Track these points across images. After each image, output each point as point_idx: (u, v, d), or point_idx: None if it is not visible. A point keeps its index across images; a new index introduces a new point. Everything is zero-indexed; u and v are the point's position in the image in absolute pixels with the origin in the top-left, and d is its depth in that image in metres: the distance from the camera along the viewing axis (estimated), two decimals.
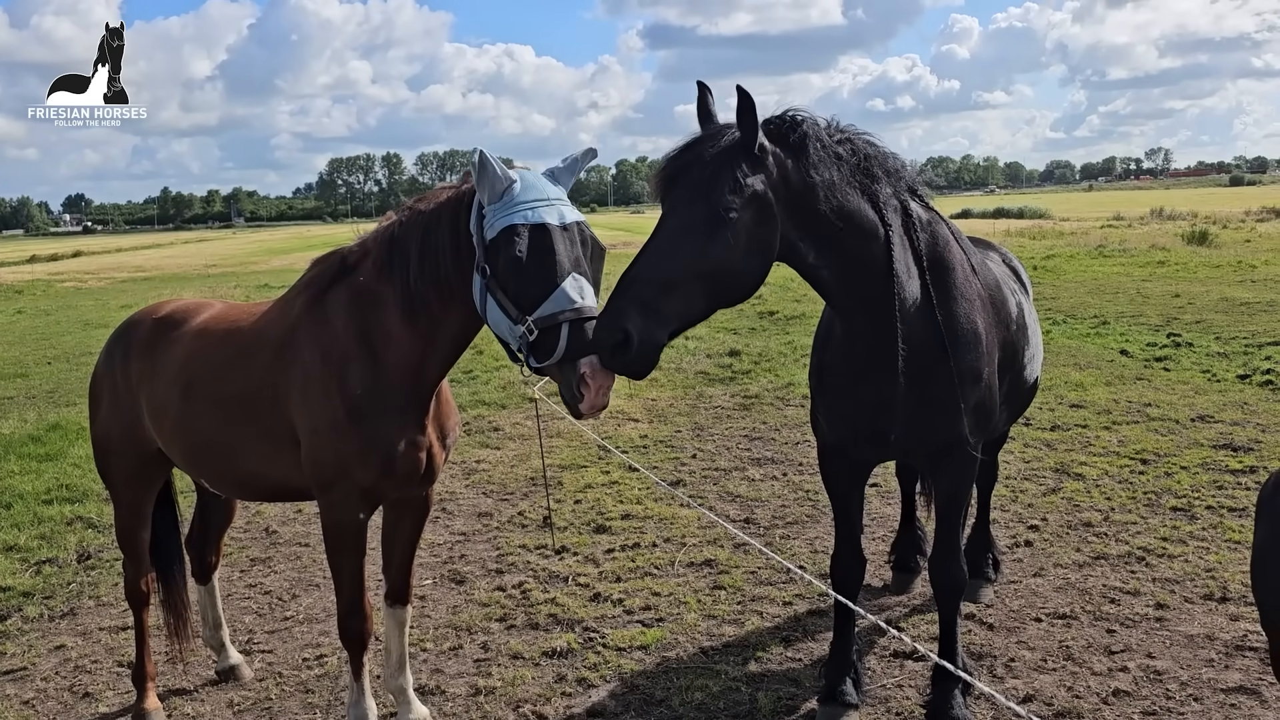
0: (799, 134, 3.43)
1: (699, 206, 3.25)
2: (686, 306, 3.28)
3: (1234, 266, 23.33)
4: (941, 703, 4.19)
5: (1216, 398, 10.07)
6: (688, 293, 3.25)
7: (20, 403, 12.73)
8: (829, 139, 3.53)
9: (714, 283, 3.29)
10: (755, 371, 12.73)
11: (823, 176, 3.43)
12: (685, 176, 3.31)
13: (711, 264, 3.25)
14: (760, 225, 3.32)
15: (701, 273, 3.25)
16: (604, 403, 3.26)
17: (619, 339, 3.16)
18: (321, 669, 5.07)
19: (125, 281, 37.71)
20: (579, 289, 3.26)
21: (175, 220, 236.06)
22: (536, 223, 3.29)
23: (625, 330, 3.15)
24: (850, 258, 3.59)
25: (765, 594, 5.75)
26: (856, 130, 3.67)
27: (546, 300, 3.24)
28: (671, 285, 3.22)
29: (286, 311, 4.02)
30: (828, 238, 3.51)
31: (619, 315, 3.16)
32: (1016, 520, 6.79)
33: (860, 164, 3.58)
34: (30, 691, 4.98)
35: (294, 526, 7.37)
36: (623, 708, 4.55)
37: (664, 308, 3.22)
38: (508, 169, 3.44)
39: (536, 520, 7.22)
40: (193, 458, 4.24)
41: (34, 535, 7.29)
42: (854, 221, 3.54)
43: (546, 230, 3.29)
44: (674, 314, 3.26)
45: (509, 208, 3.33)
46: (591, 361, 3.20)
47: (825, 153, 3.47)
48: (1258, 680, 4.52)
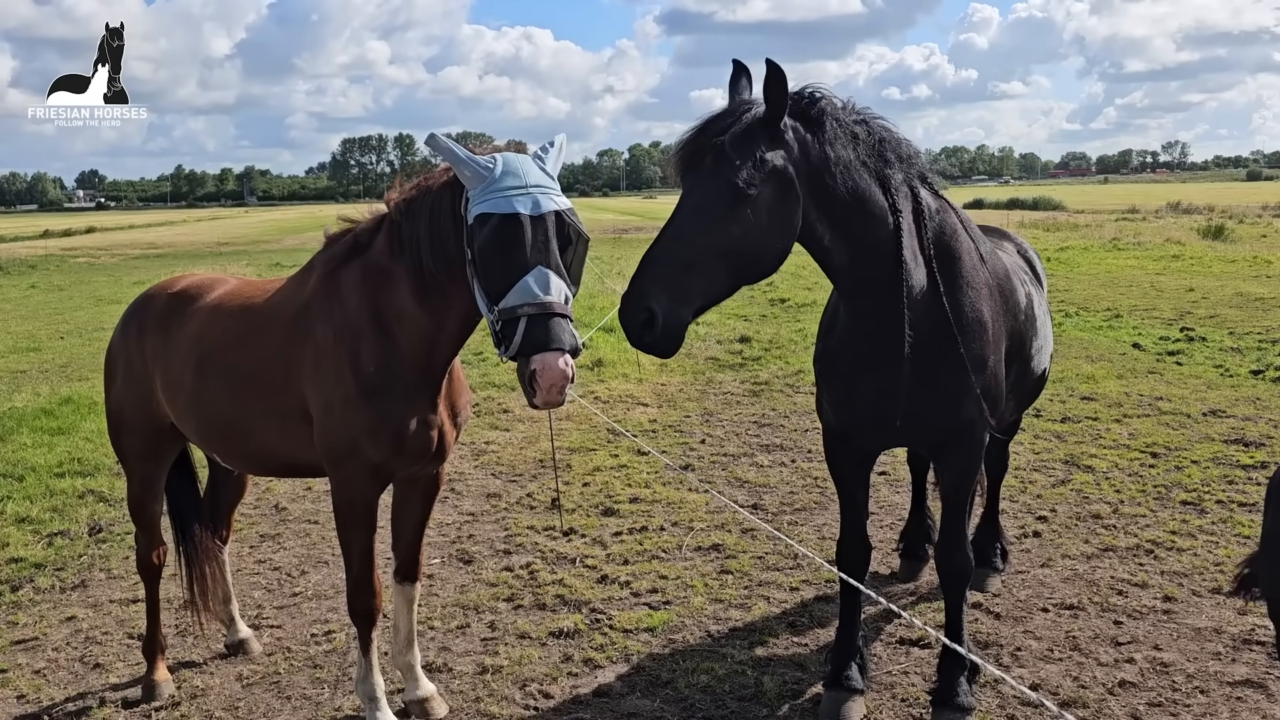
0: (818, 109, 3.41)
1: (719, 183, 3.22)
2: (710, 285, 3.26)
3: (1249, 261, 23.17)
4: (947, 689, 4.19)
5: (1229, 393, 10.02)
6: (710, 271, 3.23)
7: (33, 376, 12.81)
8: (846, 118, 3.51)
9: (736, 260, 3.27)
10: (765, 358, 12.72)
11: (839, 154, 3.41)
12: (704, 153, 3.28)
13: (733, 241, 3.22)
14: (781, 200, 3.30)
15: (724, 250, 3.22)
16: (557, 400, 3.21)
17: (644, 318, 3.15)
18: (330, 645, 5.10)
19: (138, 258, 37.86)
20: (544, 283, 3.21)
21: (188, 198, 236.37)
22: (507, 212, 3.25)
23: (650, 310, 3.14)
24: (860, 241, 3.58)
25: (772, 579, 5.76)
26: (872, 113, 3.65)
27: (510, 292, 3.22)
28: (694, 264, 3.20)
29: (300, 288, 4.03)
30: (841, 219, 3.50)
31: (644, 295, 3.15)
32: (1025, 511, 6.78)
33: (875, 146, 3.56)
34: (41, 661, 5.03)
35: (303, 503, 7.41)
36: (628, 689, 4.57)
37: (688, 286, 3.19)
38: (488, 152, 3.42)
39: (545, 502, 7.24)
40: (205, 432, 4.26)
41: (46, 508, 7.35)
42: (865, 203, 3.52)
43: (515, 220, 3.24)
44: (698, 292, 3.24)
45: (485, 194, 3.31)
46: (543, 359, 3.16)
47: (842, 130, 3.45)
48: (1264, 674, 4.52)
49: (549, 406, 3.25)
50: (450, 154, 3.40)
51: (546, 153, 3.55)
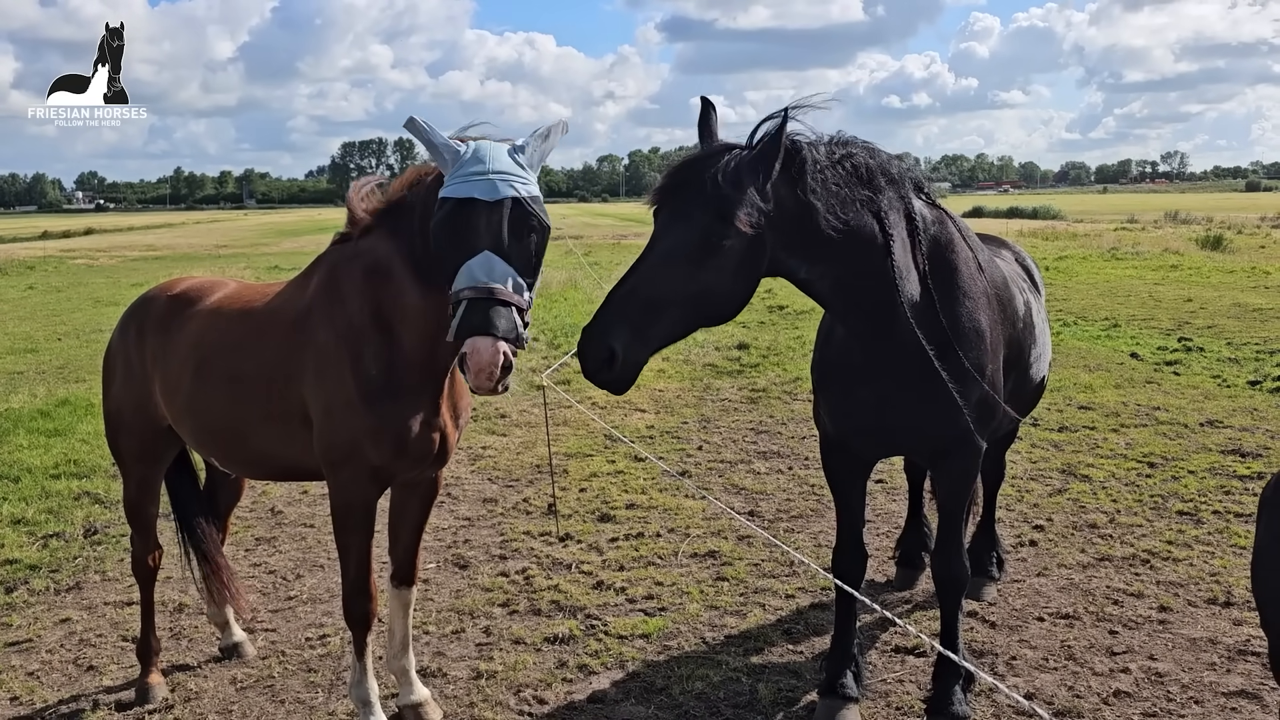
0: (798, 163, 3.38)
1: (693, 230, 3.23)
2: (671, 327, 3.28)
3: (1248, 272, 23.20)
4: (942, 698, 4.19)
5: (1226, 403, 10.03)
6: (674, 314, 3.25)
7: (30, 378, 12.79)
8: (827, 160, 3.48)
9: (701, 305, 3.29)
10: (763, 365, 12.72)
11: (821, 201, 3.40)
12: (682, 197, 3.28)
13: (702, 287, 3.24)
14: (751, 250, 3.30)
15: (690, 295, 3.24)
16: (488, 386, 3.18)
17: (604, 356, 3.17)
18: (324, 648, 5.09)
19: (136, 260, 37.83)
20: (487, 267, 3.20)
21: (187, 200, 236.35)
22: (463, 197, 3.27)
23: (611, 349, 3.16)
24: (848, 269, 3.57)
25: (768, 586, 5.76)
26: (858, 142, 3.63)
27: (457, 275, 3.24)
28: (660, 306, 3.22)
29: (301, 291, 4.02)
30: (822, 255, 3.49)
31: (607, 333, 3.16)
32: (1022, 520, 6.78)
33: (862, 177, 3.55)
34: (35, 663, 5.02)
35: (299, 507, 7.40)
36: (623, 695, 4.56)
37: (650, 328, 3.22)
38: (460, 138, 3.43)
39: (541, 507, 7.24)
40: (203, 436, 4.25)
41: (41, 509, 7.34)
42: (854, 235, 3.51)
43: (468, 205, 3.26)
44: (659, 335, 3.27)
45: (450, 179, 3.34)
46: (474, 343, 3.15)
47: (823, 174, 3.43)
48: (1259, 685, 4.51)
49: (482, 393, 3.23)
50: (426, 137, 3.41)
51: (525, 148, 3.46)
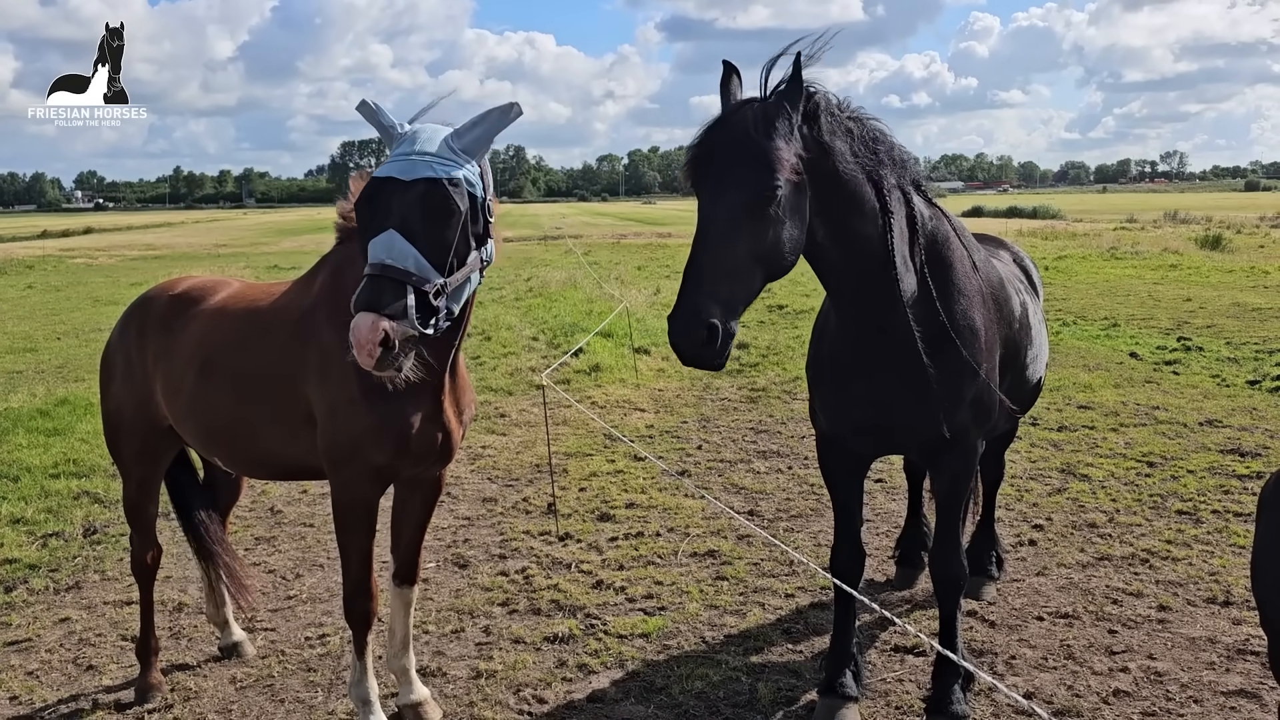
0: (812, 103, 3.39)
1: (745, 189, 3.20)
2: (749, 290, 3.26)
3: (1247, 272, 23.20)
4: (941, 697, 4.20)
5: (1225, 402, 10.04)
6: (749, 276, 3.23)
7: (29, 377, 12.79)
8: (840, 113, 3.51)
9: (772, 259, 3.27)
10: (763, 364, 12.72)
11: (836, 145, 3.42)
12: (722, 161, 3.26)
13: (770, 242, 3.23)
14: (798, 194, 3.30)
15: (761, 253, 3.22)
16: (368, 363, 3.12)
17: (704, 335, 3.12)
18: (324, 648, 5.10)
19: (136, 259, 37.81)
20: (385, 245, 3.19)
21: (187, 199, 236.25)
22: (379, 175, 3.30)
23: (711, 325, 3.12)
24: (853, 240, 3.57)
25: (768, 585, 5.76)
26: (867, 113, 3.65)
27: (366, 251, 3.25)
28: (737, 273, 3.19)
29: (305, 291, 4.02)
30: (834, 214, 3.49)
31: (699, 312, 3.11)
32: (1021, 519, 6.78)
33: (868, 143, 3.56)
34: (35, 663, 5.02)
35: (299, 506, 7.40)
36: (623, 694, 4.56)
37: (734, 296, 3.19)
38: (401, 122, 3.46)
39: (541, 507, 7.24)
40: (206, 436, 4.24)
41: (41, 509, 7.33)
42: (858, 200, 3.52)
43: (380, 184, 3.28)
44: (742, 300, 3.24)
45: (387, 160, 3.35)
46: (356, 319, 3.12)
47: (837, 124, 3.46)
48: (1258, 684, 4.52)
49: (371, 370, 3.18)
50: (375, 119, 3.42)
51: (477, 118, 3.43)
